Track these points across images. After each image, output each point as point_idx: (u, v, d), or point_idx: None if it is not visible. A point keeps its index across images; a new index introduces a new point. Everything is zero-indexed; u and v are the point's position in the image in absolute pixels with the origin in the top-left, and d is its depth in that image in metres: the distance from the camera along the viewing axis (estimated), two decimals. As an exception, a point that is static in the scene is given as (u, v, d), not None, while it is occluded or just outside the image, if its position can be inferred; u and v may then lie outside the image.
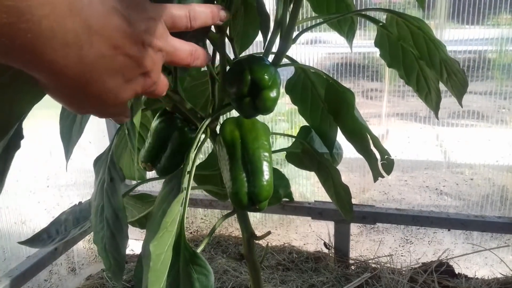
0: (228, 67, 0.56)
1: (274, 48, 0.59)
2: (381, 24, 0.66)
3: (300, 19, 0.59)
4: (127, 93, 0.31)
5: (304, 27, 0.63)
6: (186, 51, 0.35)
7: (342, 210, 0.76)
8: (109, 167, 0.56)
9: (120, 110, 0.33)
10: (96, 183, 0.58)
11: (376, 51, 0.72)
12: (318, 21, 0.69)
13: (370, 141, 0.71)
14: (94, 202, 0.57)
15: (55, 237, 0.72)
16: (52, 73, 0.26)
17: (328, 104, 0.69)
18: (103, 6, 0.27)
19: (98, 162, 0.62)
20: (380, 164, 0.74)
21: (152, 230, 0.49)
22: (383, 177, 0.76)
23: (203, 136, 0.59)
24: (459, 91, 0.66)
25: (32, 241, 0.72)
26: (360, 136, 0.69)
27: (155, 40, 0.31)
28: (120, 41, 0.28)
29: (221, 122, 0.60)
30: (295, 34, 0.59)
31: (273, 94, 0.50)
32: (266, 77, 0.49)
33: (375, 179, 0.76)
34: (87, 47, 0.26)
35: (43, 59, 0.25)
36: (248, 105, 0.50)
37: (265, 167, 0.54)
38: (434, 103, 0.71)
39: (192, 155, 0.54)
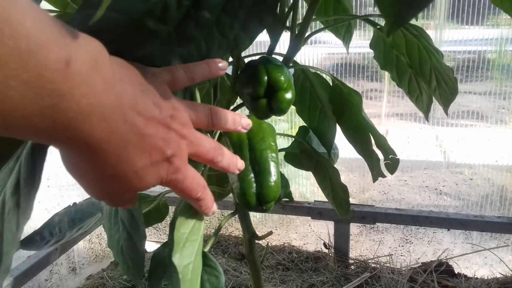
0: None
1: (276, 49, 0.59)
2: (378, 27, 0.67)
3: (302, 20, 0.59)
4: (152, 177, 0.31)
5: (308, 30, 0.63)
6: (210, 144, 0.36)
7: (339, 209, 0.77)
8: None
9: (130, 200, 0.34)
10: None
11: (375, 52, 0.72)
12: (317, 23, 0.69)
13: (372, 142, 0.71)
14: (106, 206, 0.56)
15: (49, 239, 0.71)
16: (87, 149, 0.27)
17: (333, 105, 0.69)
18: (133, 86, 0.29)
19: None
20: (384, 164, 0.74)
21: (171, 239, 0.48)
22: (384, 177, 0.76)
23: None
24: (446, 99, 0.67)
25: (24, 243, 0.71)
26: (363, 138, 0.70)
27: (180, 126, 0.32)
28: (148, 121, 0.29)
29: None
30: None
31: (288, 95, 0.50)
32: (282, 78, 0.48)
33: (375, 180, 0.76)
34: (121, 122, 0.27)
35: (83, 135, 0.25)
36: (264, 106, 0.50)
37: (272, 167, 0.54)
38: (425, 106, 0.72)
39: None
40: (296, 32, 0.57)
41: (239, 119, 0.40)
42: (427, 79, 0.65)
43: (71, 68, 0.23)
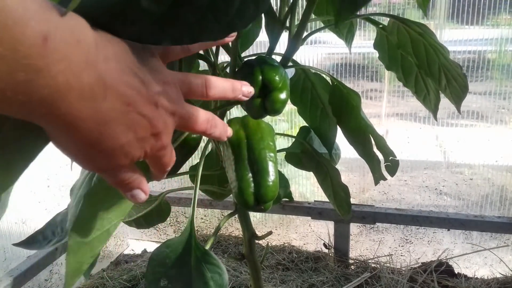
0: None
1: (277, 49, 0.59)
2: (381, 26, 0.66)
3: (300, 20, 0.59)
4: (137, 151, 0.31)
5: (308, 29, 0.63)
6: (202, 117, 0.35)
7: (340, 209, 0.77)
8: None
9: (133, 178, 0.33)
10: (84, 172, 0.56)
11: (376, 52, 0.72)
12: (318, 23, 0.69)
13: (373, 144, 0.71)
14: (78, 191, 0.54)
15: (51, 238, 0.71)
16: (66, 126, 0.26)
17: (332, 106, 0.69)
18: (118, 63, 0.28)
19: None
20: (384, 165, 0.74)
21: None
22: (385, 179, 0.76)
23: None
24: (458, 96, 0.66)
25: (27, 243, 0.71)
26: (363, 139, 0.69)
27: (168, 103, 0.31)
28: (133, 99, 0.29)
29: (226, 122, 0.60)
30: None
31: (283, 95, 0.50)
32: (277, 78, 0.48)
33: (376, 183, 0.76)
34: (101, 101, 0.27)
35: (59, 113, 0.25)
36: (258, 106, 0.50)
37: (271, 167, 0.54)
38: (432, 105, 0.71)
39: (201, 160, 0.54)
40: (294, 32, 0.57)
41: (239, 86, 0.39)
42: (437, 78, 0.64)
43: (48, 44, 0.23)
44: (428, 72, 0.64)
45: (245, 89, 0.39)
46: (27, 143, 0.35)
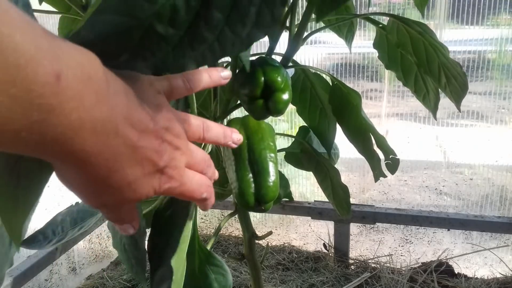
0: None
1: (277, 49, 0.59)
2: (380, 25, 0.66)
3: (300, 20, 0.59)
4: (145, 187, 0.31)
5: (308, 30, 0.63)
6: (201, 156, 0.36)
7: (339, 209, 0.77)
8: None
9: (130, 215, 0.33)
10: None
11: (376, 52, 0.72)
12: (319, 23, 0.69)
13: (373, 142, 0.71)
14: None
15: (51, 238, 0.72)
16: (76, 162, 0.26)
17: (332, 105, 0.69)
18: (128, 98, 0.28)
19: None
20: (385, 163, 0.74)
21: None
22: (385, 176, 0.76)
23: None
24: (458, 95, 0.66)
25: (27, 242, 0.71)
26: (363, 137, 0.69)
27: (173, 138, 0.32)
28: (142, 134, 0.29)
29: (226, 123, 0.60)
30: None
31: (285, 96, 0.50)
32: (279, 79, 0.48)
33: (376, 179, 0.76)
34: (113, 136, 0.27)
35: (72, 149, 0.25)
36: (260, 107, 0.50)
37: (271, 168, 0.54)
38: (432, 104, 0.71)
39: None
40: (295, 32, 0.57)
41: (230, 133, 0.40)
42: (436, 77, 0.64)
43: (61, 82, 0.23)
44: (428, 71, 0.64)
45: (235, 136, 0.41)
46: (34, 176, 0.35)
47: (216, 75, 0.38)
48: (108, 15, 0.29)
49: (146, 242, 0.52)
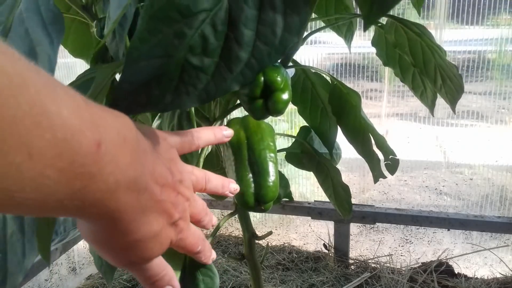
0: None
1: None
2: (379, 24, 0.67)
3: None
4: (166, 240, 0.32)
5: (308, 29, 0.63)
6: (201, 205, 0.38)
7: (341, 209, 0.77)
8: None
9: (163, 272, 0.34)
10: None
11: (375, 52, 0.72)
12: (318, 22, 0.69)
13: (373, 142, 0.71)
14: None
15: (53, 238, 0.72)
16: (110, 220, 0.27)
17: (332, 106, 0.69)
18: (153, 155, 0.30)
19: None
20: (384, 164, 0.74)
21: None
22: (384, 177, 0.76)
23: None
24: (453, 96, 0.66)
25: None
26: (363, 138, 0.69)
27: (186, 190, 0.34)
28: (163, 187, 0.31)
29: (226, 123, 0.60)
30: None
31: (285, 96, 0.49)
32: (279, 79, 0.48)
33: (376, 181, 0.76)
34: (143, 192, 0.28)
35: (107, 210, 0.26)
36: (260, 107, 0.50)
37: (271, 168, 0.54)
38: (429, 101, 0.72)
39: (201, 158, 0.55)
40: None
41: (227, 184, 0.43)
42: (432, 78, 0.65)
43: (101, 150, 0.24)
44: (424, 72, 0.64)
45: (232, 186, 0.44)
46: None
47: (219, 134, 0.41)
48: (144, 61, 0.30)
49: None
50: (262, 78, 0.48)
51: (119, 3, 0.36)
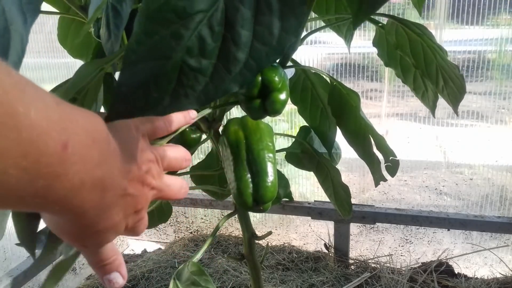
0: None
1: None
2: (380, 25, 0.66)
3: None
4: (122, 228, 0.33)
5: (308, 29, 0.63)
6: (177, 186, 0.38)
7: (341, 209, 0.77)
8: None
9: (114, 257, 0.35)
10: None
11: (376, 52, 0.72)
12: (318, 22, 0.69)
13: (373, 144, 0.71)
14: None
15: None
16: (73, 216, 0.28)
17: (331, 106, 0.69)
18: (122, 152, 0.30)
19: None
20: (384, 166, 0.74)
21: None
22: (385, 180, 0.76)
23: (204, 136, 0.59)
24: (455, 98, 0.66)
25: None
26: (363, 140, 0.69)
27: (152, 179, 0.34)
28: (130, 182, 0.31)
29: (225, 123, 0.60)
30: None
31: (282, 96, 0.49)
32: (276, 79, 0.48)
33: (377, 184, 0.76)
34: (109, 188, 0.29)
35: (70, 207, 0.26)
36: (258, 107, 0.50)
37: (270, 168, 0.54)
38: (431, 102, 0.71)
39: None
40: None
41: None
42: (434, 79, 0.64)
43: (68, 151, 0.24)
44: (426, 73, 0.64)
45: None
46: None
47: (188, 116, 0.42)
48: (141, 64, 0.30)
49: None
50: (260, 78, 0.48)
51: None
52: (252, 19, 0.31)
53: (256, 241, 0.71)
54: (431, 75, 0.64)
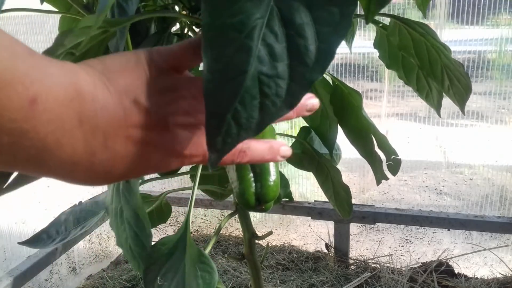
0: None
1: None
2: (381, 25, 0.66)
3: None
4: (171, 166, 0.30)
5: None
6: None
7: (341, 210, 0.77)
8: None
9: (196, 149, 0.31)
10: (110, 186, 0.58)
11: (376, 52, 0.72)
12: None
13: (375, 143, 0.71)
14: (111, 206, 0.56)
15: (55, 237, 0.72)
16: (60, 177, 0.26)
17: (333, 106, 0.68)
18: (121, 104, 0.27)
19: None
20: (386, 165, 0.74)
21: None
22: (387, 179, 0.76)
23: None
24: (461, 97, 0.65)
25: (31, 241, 0.72)
26: (365, 139, 0.69)
27: (184, 118, 0.29)
28: (138, 136, 0.27)
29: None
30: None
31: None
32: None
33: (378, 183, 0.76)
34: (101, 152, 0.26)
35: (49, 169, 0.25)
36: None
37: (272, 167, 0.55)
38: (435, 102, 0.70)
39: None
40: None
41: None
42: (440, 79, 0.63)
43: (37, 107, 0.22)
44: (431, 74, 0.63)
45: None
46: None
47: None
48: (220, 90, 0.28)
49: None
50: None
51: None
52: (306, 7, 0.30)
53: (256, 241, 0.71)
54: (436, 75, 0.63)
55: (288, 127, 1.43)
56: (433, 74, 0.63)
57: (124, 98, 0.27)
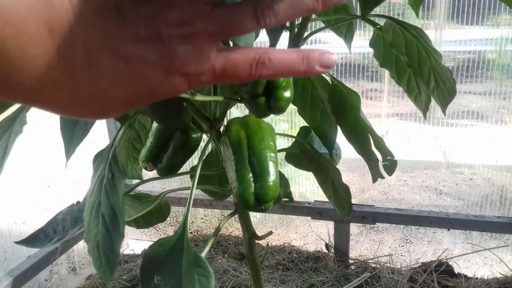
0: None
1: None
2: (378, 26, 0.67)
3: (300, 20, 0.59)
4: (180, 88, 0.26)
5: (308, 29, 0.63)
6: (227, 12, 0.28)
7: (340, 210, 0.77)
8: (110, 162, 0.53)
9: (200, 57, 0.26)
10: (94, 179, 0.56)
11: (376, 52, 0.72)
12: (318, 22, 0.69)
13: (372, 142, 0.72)
14: (90, 199, 0.54)
15: (52, 237, 0.72)
16: (46, 103, 0.23)
17: (332, 105, 0.69)
18: (102, 16, 0.23)
19: (98, 158, 0.58)
20: (382, 165, 0.74)
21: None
22: (383, 178, 0.76)
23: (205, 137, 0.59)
24: (445, 99, 0.68)
25: (29, 241, 0.72)
26: (362, 138, 0.70)
27: (176, 29, 0.25)
28: (137, 47, 0.24)
29: (226, 122, 0.60)
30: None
31: (287, 94, 0.50)
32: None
33: (374, 180, 0.76)
34: (85, 71, 0.23)
35: (24, 91, 0.22)
36: (262, 104, 0.50)
37: (271, 167, 0.55)
38: (423, 105, 0.73)
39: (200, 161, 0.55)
40: (295, 32, 0.57)
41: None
42: (426, 79, 0.66)
43: None
44: (418, 73, 0.65)
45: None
46: None
47: None
48: None
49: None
50: None
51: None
52: None
53: (256, 241, 0.71)
54: (423, 75, 0.66)
55: (288, 127, 1.43)
56: (421, 73, 0.65)
57: (104, 6, 0.23)
